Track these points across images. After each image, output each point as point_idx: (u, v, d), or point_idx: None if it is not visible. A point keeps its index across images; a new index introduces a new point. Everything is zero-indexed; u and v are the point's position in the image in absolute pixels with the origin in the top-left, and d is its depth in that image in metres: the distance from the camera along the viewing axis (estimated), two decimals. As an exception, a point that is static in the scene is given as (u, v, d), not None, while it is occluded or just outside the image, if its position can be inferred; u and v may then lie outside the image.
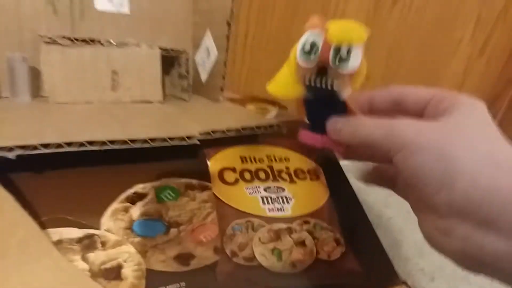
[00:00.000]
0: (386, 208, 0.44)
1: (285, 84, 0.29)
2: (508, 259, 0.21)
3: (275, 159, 0.37)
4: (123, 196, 0.31)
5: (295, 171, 0.37)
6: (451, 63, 1.03)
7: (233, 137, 0.37)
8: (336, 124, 0.28)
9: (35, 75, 0.45)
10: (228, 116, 0.44)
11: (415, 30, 0.93)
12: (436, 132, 0.23)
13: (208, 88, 0.53)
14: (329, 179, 0.37)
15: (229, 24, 0.47)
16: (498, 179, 0.21)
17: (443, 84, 1.04)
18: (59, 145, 0.28)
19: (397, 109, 0.28)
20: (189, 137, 0.33)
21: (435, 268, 0.38)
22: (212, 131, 0.34)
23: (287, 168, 0.37)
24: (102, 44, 0.44)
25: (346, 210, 0.36)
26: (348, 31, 0.26)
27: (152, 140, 0.31)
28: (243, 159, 0.36)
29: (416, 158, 0.23)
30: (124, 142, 0.30)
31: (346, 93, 0.27)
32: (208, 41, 0.52)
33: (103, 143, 0.29)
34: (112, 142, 0.30)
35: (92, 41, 0.43)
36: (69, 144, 0.28)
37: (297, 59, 0.27)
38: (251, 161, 0.36)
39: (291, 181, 0.36)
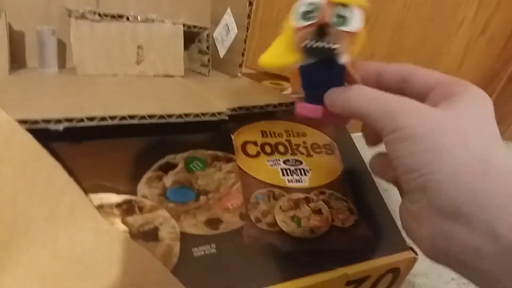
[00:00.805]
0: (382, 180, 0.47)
1: (279, 53, 0.28)
2: (474, 253, 0.21)
3: (293, 134, 0.40)
4: (156, 165, 0.34)
5: (312, 146, 0.39)
6: (453, 42, 1.04)
7: (255, 112, 0.39)
8: (333, 94, 0.27)
9: (60, 47, 0.47)
10: (249, 92, 0.46)
11: (419, 10, 0.94)
12: (433, 122, 0.23)
13: (227, 63, 0.55)
14: (343, 153, 0.40)
15: (251, 3, 0.48)
16: (488, 183, 0.21)
17: (444, 62, 1.06)
18: (102, 118, 0.30)
19: (403, 86, 0.28)
20: (219, 113, 0.35)
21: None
22: (238, 107, 0.37)
23: (304, 142, 0.39)
24: (128, 19, 0.46)
25: (358, 182, 0.39)
26: None
27: (187, 115, 0.33)
28: (264, 134, 0.39)
29: (407, 145, 0.23)
30: (161, 116, 0.32)
31: (345, 57, 0.26)
32: (228, 19, 0.53)
33: (143, 117, 0.32)
34: (150, 116, 0.32)
35: (120, 16, 0.45)
36: (112, 117, 0.31)
37: (294, 22, 0.26)
38: (271, 135, 0.39)
39: (308, 154, 0.39)
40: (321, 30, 0.25)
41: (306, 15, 0.26)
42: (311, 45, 0.26)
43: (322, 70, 0.27)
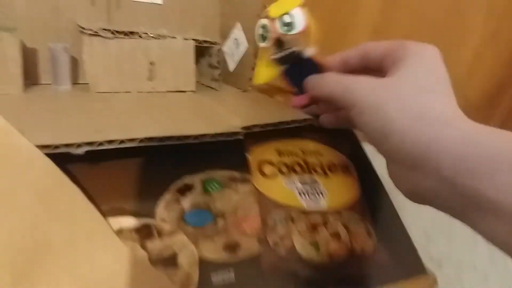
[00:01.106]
0: (395, 196, 0.47)
1: (263, 71, 0.34)
2: (435, 195, 0.24)
3: (309, 153, 0.40)
4: (174, 187, 0.34)
5: (328, 165, 0.39)
6: (461, 50, 1.04)
7: (269, 130, 0.39)
8: (308, 82, 0.33)
9: (73, 63, 0.47)
10: (262, 108, 0.46)
11: (428, 18, 0.94)
12: (378, 93, 0.26)
13: (237, 77, 0.55)
14: (360, 173, 0.40)
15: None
16: (424, 133, 0.24)
17: (452, 69, 1.06)
18: (122, 141, 0.30)
19: (365, 64, 0.32)
20: (234, 133, 0.35)
21: (443, 256, 0.41)
22: (252, 126, 0.37)
23: (320, 162, 0.39)
24: (140, 36, 0.46)
25: (375, 203, 0.39)
26: (282, 3, 0.31)
27: (203, 136, 0.33)
28: (279, 153, 0.39)
29: (363, 117, 0.27)
30: (178, 138, 0.32)
31: (308, 51, 0.32)
32: (238, 33, 0.53)
33: (160, 139, 0.32)
34: (168, 138, 0.32)
35: (132, 33, 0.45)
36: (131, 140, 0.31)
37: (259, 44, 0.33)
38: (287, 154, 0.39)
39: (325, 174, 0.38)
40: (278, 43, 0.32)
41: (264, 35, 0.32)
42: (277, 57, 0.32)
43: (296, 69, 0.33)
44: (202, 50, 0.54)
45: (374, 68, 0.30)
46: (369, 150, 0.43)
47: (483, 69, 1.09)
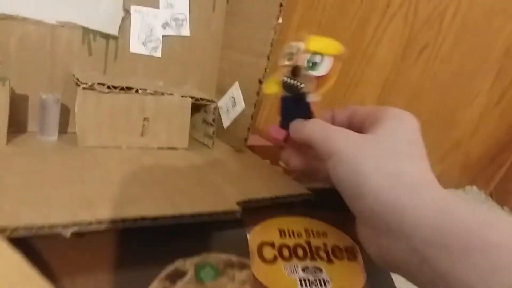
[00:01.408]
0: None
1: (271, 84, 0.35)
2: (405, 265, 0.24)
3: (313, 234, 0.37)
4: (164, 273, 0.31)
5: (333, 249, 0.37)
6: (467, 111, 1.06)
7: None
8: (294, 124, 0.33)
9: (63, 112, 0.45)
10: (258, 176, 0.44)
11: (437, 79, 0.96)
12: (357, 147, 0.27)
13: (231, 135, 0.54)
14: (364, 257, 0.38)
15: (261, 82, 0.47)
16: (398, 197, 0.24)
17: (458, 129, 1.07)
18: (113, 221, 0.28)
19: (351, 121, 0.33)
20: (231, 212, 0.33)
21: None
22: (248, 201, 0.35)
23: (324, 245, 0.37)
24: (137, 91, 0.44)
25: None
26: (323, 43, 0.32)
27: (199, 215, 0.32)
28: (282, 233, 0.36)
29: (339, 169, 0.27)
30: (174, 217, 0.30)
31: (312, 97, 0.32)
32: (235, 92, 0.52)
33: (154, 218, 0.30)
34: (162, 218, 0.30)
35: (129, 88, 0.44)
36: (124, 220, 0.28)
37: (280, 60, 0.33)
38: (289, 235, 0.36)
39: (329, 260, 0.36)
40: (294, 71, 0.32)
41: (289, 55, 0.32)
42: (286, 81, 0.33)
43: (293, 103, 0.33)
44: (197, 105, 0.53)
45: (357, 128, 0.31)
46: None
47: (487, 129, 1.11)
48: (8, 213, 0.26)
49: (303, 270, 0.35)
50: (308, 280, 0.34)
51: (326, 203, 0.38)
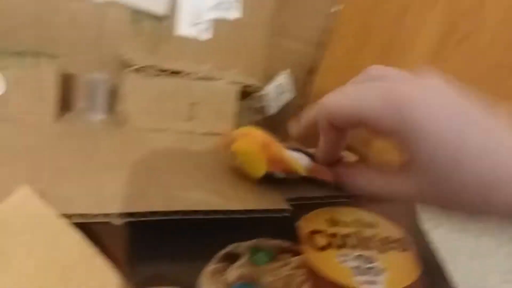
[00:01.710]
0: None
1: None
2: None
3: (363, 225, 0.36)
4: (219, 255, 0.30)
5: (384, 240, 0.35)
6: (507, 104, 1.02)
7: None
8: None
9: (110, 90, 0.44)
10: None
11: (477, 70, 0.92)
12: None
13: (275, 123, 0.52)
14: (418, 249, 0.36)
15: (310, 73, 0.45)
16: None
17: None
18: (165, 213, 0.27)
19: None
20: (282, 210, 0.32)
21: None
22: (298, 198, 0.34)
23: (375, 235, 0.35)
24: (185, 76, 0.43)
25: (436, 282, 0.35)
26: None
27: (250, 211, 0.30)
28: (332, 222, 0.35)
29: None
30: (225, 212, 0.29)
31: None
32: (285, 80, 0.50)
33: (206, 212, 0.28)
34: (214, 212, 0.29)
35: (177, 72, 0.42)
36: (176, 212, 0.27)
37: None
38: (339, 225, 0.35)
39: (381, 250, 0.34)
40: None
41: None
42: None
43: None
44: (245, 91, 0.51)
45: None
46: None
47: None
48: (66, 198, 0.26)
49: (355, 259, 0.33)
50: (362, 268, 0.33)
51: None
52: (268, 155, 0.34)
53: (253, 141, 0.35)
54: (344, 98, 0.23)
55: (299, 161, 0.34)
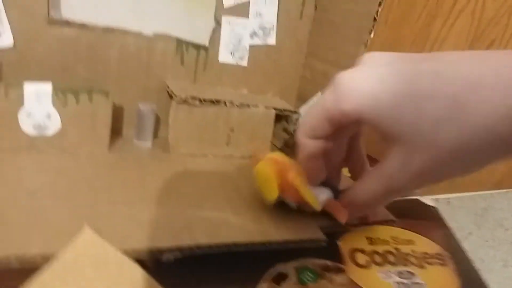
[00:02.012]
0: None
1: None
2: None
3: (400, 241, 0.38)
4: (268, 276, 0.33)
5: (422, 255, 0.37)
6: None
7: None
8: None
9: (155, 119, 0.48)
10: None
11: None
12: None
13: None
14: (456, 264, 0.37)
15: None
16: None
17: None
18: (210, 247, 0.30)
19: None
20: (317, 240, 0.34)
21: None
22: (332, 226, 0.36)
23: (413, 251, 0.37)
24: (225, 104, 0.46)
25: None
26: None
27: (287, 242, 0.33)
28: (370, 240, 0.37)
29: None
30: (263, 243, 0.32)
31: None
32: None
33: (246, 244, 0.31)
34: (253, 244, 0.32)
35: (217, 101, 0.45)
36: (219, 245, 0.30)
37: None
38: (378, 243, 0.37)
39: (420, 266, 0.36)
40: None
41: None
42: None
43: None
44: (280, 114, 0.53)
45: None
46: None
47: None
48: (120, 234, 0.29)
49: (397, 275, 0.35)
50: (404, 284, 0.34)
51: (407, 212, 0.38)
52: (282, 181, 0.34)
53: (271, 165, 0.35)
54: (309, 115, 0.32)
55: (318, 194, 0.35)
